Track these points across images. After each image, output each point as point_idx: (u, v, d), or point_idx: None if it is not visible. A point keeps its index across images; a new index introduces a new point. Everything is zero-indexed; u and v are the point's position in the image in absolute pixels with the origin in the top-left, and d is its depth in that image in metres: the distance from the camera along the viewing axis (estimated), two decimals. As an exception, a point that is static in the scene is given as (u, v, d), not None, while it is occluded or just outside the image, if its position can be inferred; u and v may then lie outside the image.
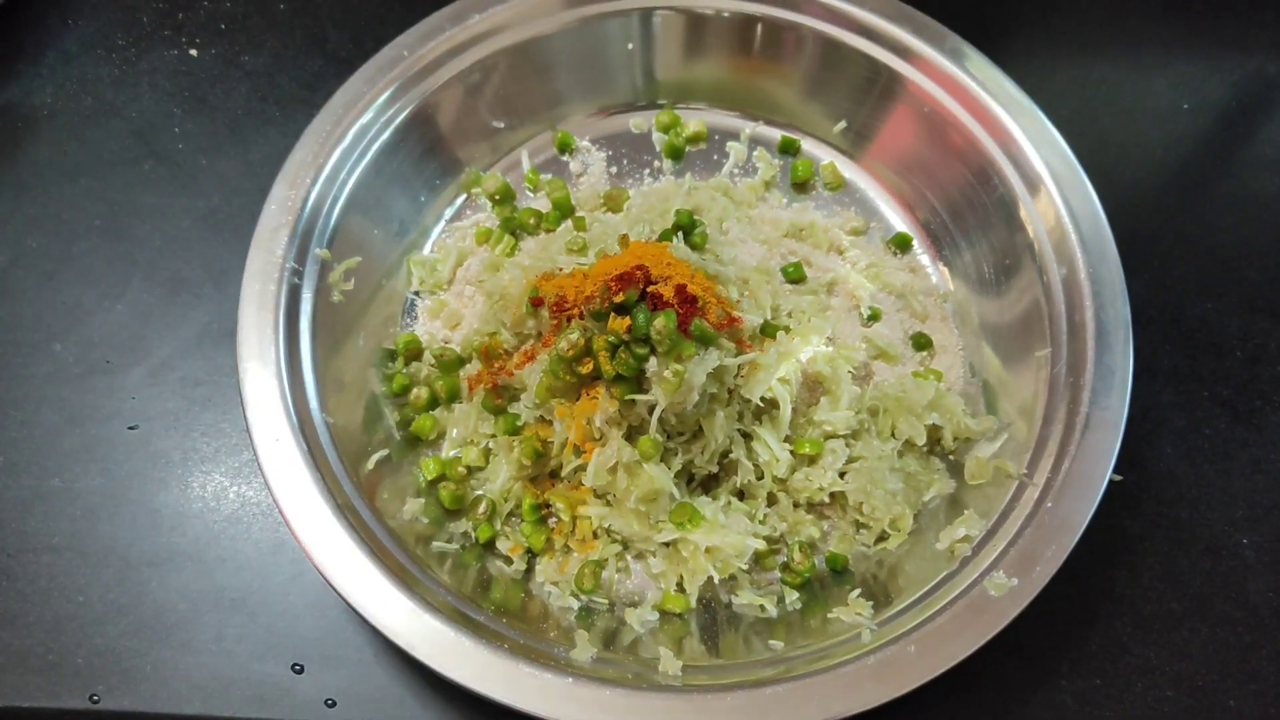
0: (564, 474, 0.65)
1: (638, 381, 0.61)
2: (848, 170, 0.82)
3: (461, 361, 0.71)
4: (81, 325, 0.75)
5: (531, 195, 0.80)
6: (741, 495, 0.66)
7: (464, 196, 0.80)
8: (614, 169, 0.82)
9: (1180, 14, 0.92)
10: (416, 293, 0.76)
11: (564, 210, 0.77)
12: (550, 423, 0.64)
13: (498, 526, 0.65)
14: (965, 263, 0.76)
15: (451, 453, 0.68)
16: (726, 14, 0.78)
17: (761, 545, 0.64)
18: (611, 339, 0.60)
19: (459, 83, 0.75)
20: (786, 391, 0.64)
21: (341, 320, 0.68)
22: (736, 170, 0.82)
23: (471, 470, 0.67)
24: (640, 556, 0.66)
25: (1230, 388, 0.74)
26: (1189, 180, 0.84)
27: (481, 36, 0.75)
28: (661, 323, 0.58)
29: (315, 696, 0.62)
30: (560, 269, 0.68)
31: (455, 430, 0.69)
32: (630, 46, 0.80)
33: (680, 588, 0.64)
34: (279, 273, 0.65)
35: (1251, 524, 0.69)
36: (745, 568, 0.64)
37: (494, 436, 0.67)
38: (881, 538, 0.66)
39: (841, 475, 0.66)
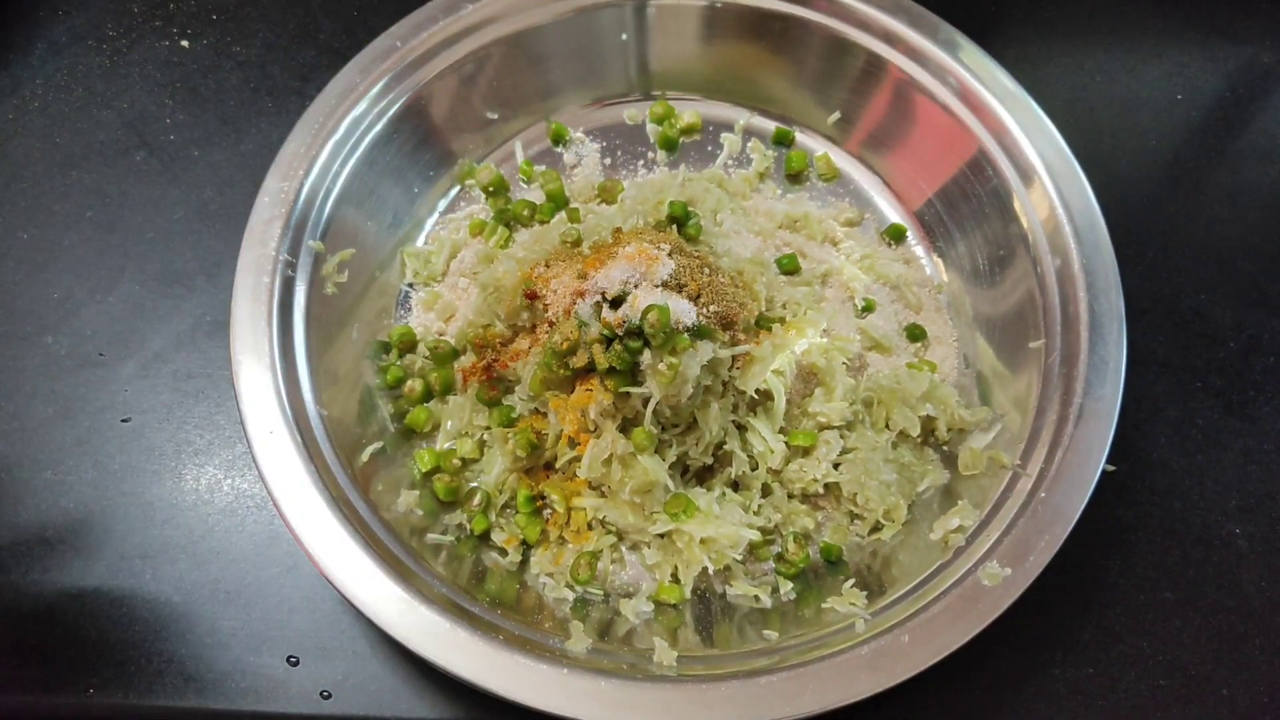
0: (559, 466, 0.65)
1: (632, 374, 0.61)
2: (842, 161, 0.82)
3: (456, 354, 0.70)
4: (73, 318, 0.74)
5: (525, 187, 0.80)
6: (736, 486, 0.66)
7: (458, 188, 0.80)
8: (608, 160, 0.82)
9: (1173, 3, 0.92)
10: (410, 285, 0.75)
11: (558, 202, 0.77)
12: (545, 415, 0.64)
13: (493, 518, 0.65)
14: (959, 254, 0.76)
15: (446, 445, 0.68)
16: (720, 5, 0.78)
17: (756, 536, 0.64)
18: (605, 332, 0.60)
19: (452, 74, 0.75)
20: (781, 383, 0.64)
21: (335, 313, 0.68)
22: (731, 161, 0.82)
23: (466, 462, 0.67)
24: (635, 548, 0.66)
25: (1223, 378, 0.74)
26: (1183, 171, 0.84)
27: (475, 27, 0.75)
28: (655, 316, 0.58)
29: (310, 688, 0.62)
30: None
31: (450, 422, 0.69)
32: (624, 37, 0.80)
33: (675, 579, 0.64)
34: (272, 265, 0.65)
35: (1244, 514, 0.70)
36: (740, 558, 0.64)
37: (489, 428, 0.67)
38: (876, 528, 0.66)
39: (836, 466, 0.66)
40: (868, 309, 0.74)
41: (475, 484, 0.67)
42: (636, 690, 0.53)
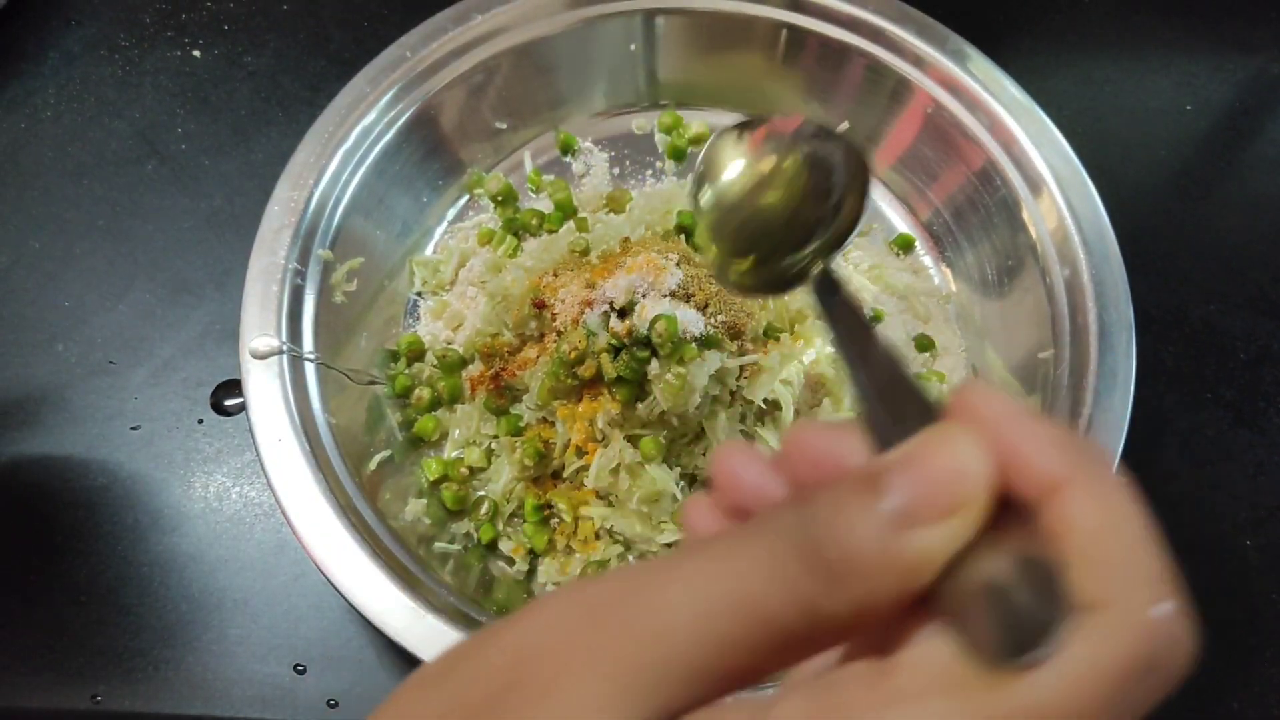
0: (566, 475, 0.65)
1: (640, 383, 0.61)
2: (850, 171, 0.82)
3: (464, 362, 0.71)
4: (84, 326, 0.75)
5: (534, 196, 0.80)
6: (744, 496, 0.66)
7: (466, 197, 0.80)
8: (616, 170, 0.82)
9: (1182, 13, 0.92)
10: (419, 294, 0.76)
11: (566, 211, 0.77)
12: (552, 424, 0.64)
13: (500, 527, 0.65)
14: (968, 264, 0.76)
15: (454, 453, 0.68)
16: (729, 15, 0.78)
17: (764, 546, 0.63)
18: (613, 341, 0.60)
19: (462, 84, 0.75)
20: (789, 393, 0.64)
21: (344, 321, 0.68)
22: (739, 171, 0.82)
23: (474, 471, 0.67)
24: (643, 557, 0.65)
25: (1233, 389, 0.74)
26: (1192, 181, 0.84)
27: (484, 37, 0.75)
28: (662, 325, 0.58)
29: (317, 697, 0.62)
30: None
31: (457, 431, 0.69)
32: (633, 47, 0.80)
33: (682, 589, 0.63)
34: (281, 274, 0.65)
35: (1254, 526, 0.69)
36: (747, 569, 0.64)
37: (496, 437, 0.67)
38: (884, 539, 0.66)
39: (844, 476, 0.66)
40: (876, 319, 0.74)
41: (483, 493, 0.67)
42: (643, 700, 0.53)
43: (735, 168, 0.38)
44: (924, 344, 0.73)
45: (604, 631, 0.20)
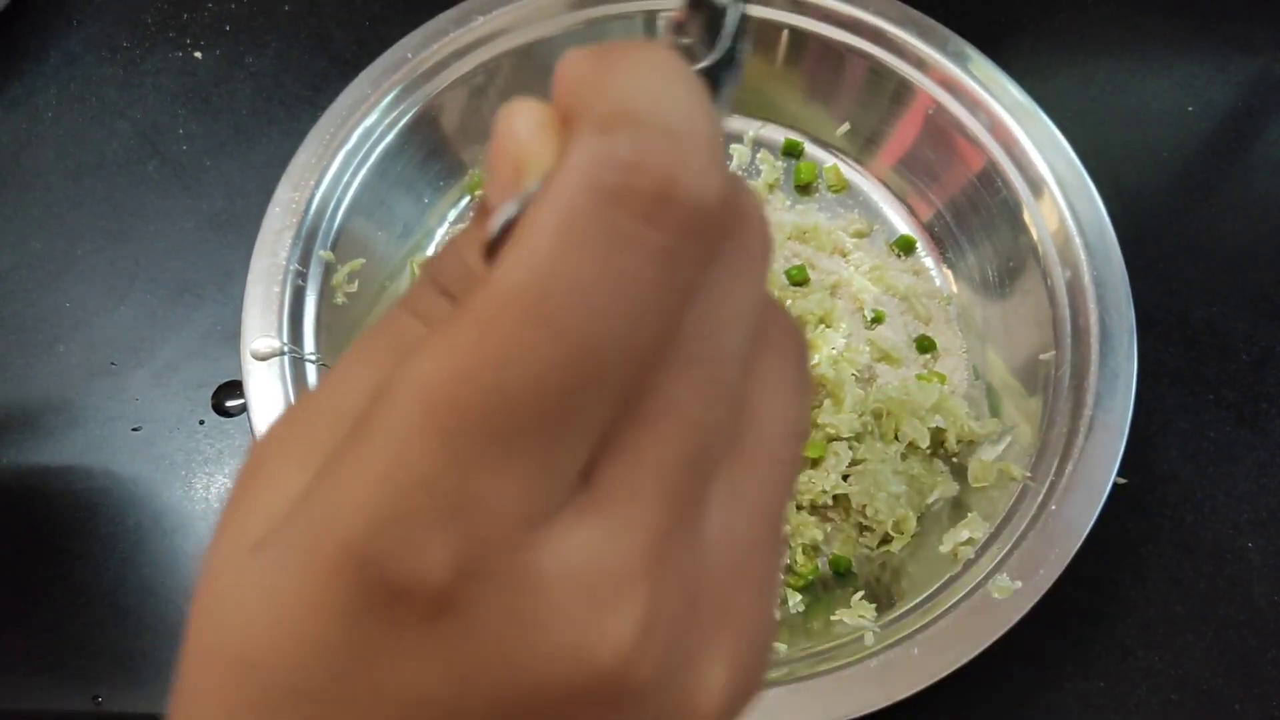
0: (567, 476, 0.65)
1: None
2: (851, 173, 0.82)
3: (465, 363, 0.70)
4: (85, 327, 0.75)
5: (535, 197, 0.80)
6: (745, 498, 0.66)
7: (467, 198, 0.80)
8: (617, 171, 0.82)
9: (1184, 14, 0.92)
10: (420, 294, 0.75)
11: (567, 212, 0.77)
12: (553, 425, 0.64)
13: (501, 528, 0.65)
14: (969, 265, 0.76)
15: (454, 455, 0.68)
16: (730, 16, 0.78)
17: (765, 548, 0.63)
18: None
19: (463, 85, 0.75)
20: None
21: (345, 322, 0.69)
22: (740, 172, 0.82)
23: (474, 472, 0.67)
24: (643, 559, 0.65)
25: (1236, 391, 0.74)
26: (1194, 182, 0.84)
27: (486, 39, 0.75)
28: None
29: (318, 698, 0.62)
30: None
31: (458, 432, 0.69)
32: (634, 48, 0.80)
33: (683, 590, 0.63)
34: (283, 275, 0.65)
35: (1256, 527, 0.69)
36: (748, 570, 0.64)
37: (497, 438, 0.67)
38: (885, 540, 0.66)
39: (845, 478, 0.66)
40: (877, 320, 0.74)
41: (484, 494, 0.67)
42: (644, 702, 0.53)
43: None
44: (925, 345, 0.73)
45: (297, 424, 0.24)
